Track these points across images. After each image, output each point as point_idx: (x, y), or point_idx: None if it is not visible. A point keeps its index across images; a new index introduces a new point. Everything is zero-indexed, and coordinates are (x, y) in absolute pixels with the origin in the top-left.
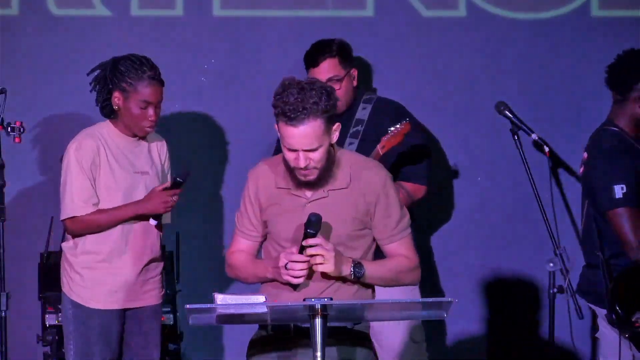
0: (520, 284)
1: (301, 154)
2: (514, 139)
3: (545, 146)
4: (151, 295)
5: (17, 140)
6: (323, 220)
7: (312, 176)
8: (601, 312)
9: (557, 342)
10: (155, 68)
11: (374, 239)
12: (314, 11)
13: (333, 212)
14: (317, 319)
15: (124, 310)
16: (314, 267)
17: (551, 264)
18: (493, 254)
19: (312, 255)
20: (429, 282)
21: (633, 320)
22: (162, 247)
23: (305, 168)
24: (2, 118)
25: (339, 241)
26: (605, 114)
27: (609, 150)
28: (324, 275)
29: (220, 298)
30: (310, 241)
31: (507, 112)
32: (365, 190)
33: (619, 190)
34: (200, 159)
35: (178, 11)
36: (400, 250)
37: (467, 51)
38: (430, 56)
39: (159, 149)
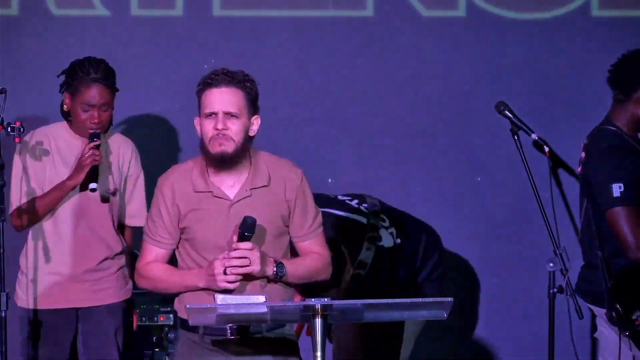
0: (520, 284)
1: (220, 116)
2: (514, 139)
3: (545, 146)
4: (106, 294)
5: (17, 140)
6: None
7: (228, 148)
8: (600, 311)
9: (557, 342)
10: (104, 71)
11: (289, 239)
12: (314, 11)
13: (258, 212)
14: (317, 319)
15: (76, 310)
16: (239, 270)
17: (551, 264)
18: (493, 254)
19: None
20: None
21: (633, 318)
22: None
23: (223, 133)
24: (2, 118)
25: (265, 240)
26: (604, 114)
27: (607, 149)
28: (247, 277)
29: (220, 298)
30: (242, 245)
31: (507, 112)
32: (284, 187)
33: (616, 189)
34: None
35: (178, 11)
36: (314, 247)
37: (467, 51)
38: (430, 56)
39: (121, 150)
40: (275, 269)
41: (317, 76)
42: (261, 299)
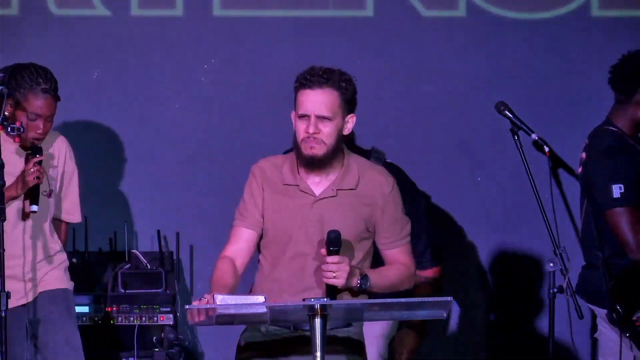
0: (520, 284)
1: (312, 119)
2: (514, 139)
3: (545, 146)
4: (46, 283)
5: (17, 140)
6: (330, 220)
7: (319, 151)
8: (600, 312)
9: (557, 342)
10: (52, 81)
11: (372, 244)
12: (314, 11)
13: (340, 212)
14: (316, 319)
15: (23, 307)
16: (325, 280)
17: (551, 264)
18: (493, 254)
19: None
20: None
21: (634, 319)
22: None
23: (314, 136)
24: (2, 118)
25: (344, 242)
26: (604, 115)
27: (607, 149)
28: (333, 288)
29: (220, 298)
30: (330, 259)
31: (507, 112)
32: (372, 193)
33: (617, 190)
34: (199, 158)
35: (178, 11)
36: (401, 257)
37: (467, 51)
38: (430, 56)
39: (56, 148)
40: (359, 281)
41: None
42: (260, 299)
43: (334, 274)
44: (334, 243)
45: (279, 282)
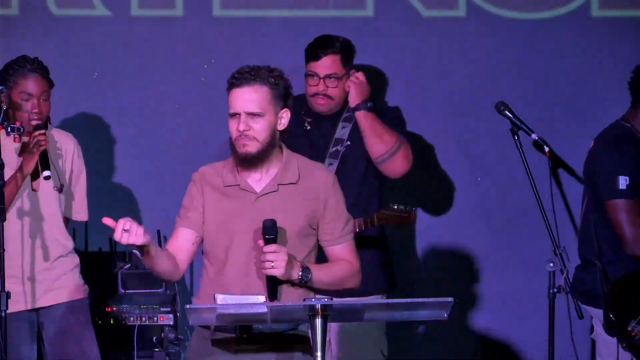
0: (520, 284)
1: (242, 117)
2: (514, 139)
3: (545, 146)
4: (65, 292)
5: (17, 140)
6: (273, 215)
7: (252, 148)
8: (595, 312)
9: (557, 342)
10: (38, 63)
11: (317, 242)
12: (314, 11)
13: (283, 208)
14: (317, 319)
15: (37, 312)
16: (263, 271)
17: (551, 264)
18: (493, 254)
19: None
20: (429, 282)
21: (629, 329)
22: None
23: (244, 134)
24: (2, 118)
25: (288, 239)
26: (605, 114)
27: (617, 140)
28: (273, 279)
29: (220, 298)
30: (266, 248)
31: (507, 112)
32: (314, 188)
33: (622, 182)
34: (199, 158)
35: (178, 11)
36: (344, 253)
37: (467, 51)
38: (430, 56)
39: (64, 146)
40: (300, 273)
41: None
42: (261, 298)
43: (272, 264)
44: (269, 231)
45: (226, 285)
